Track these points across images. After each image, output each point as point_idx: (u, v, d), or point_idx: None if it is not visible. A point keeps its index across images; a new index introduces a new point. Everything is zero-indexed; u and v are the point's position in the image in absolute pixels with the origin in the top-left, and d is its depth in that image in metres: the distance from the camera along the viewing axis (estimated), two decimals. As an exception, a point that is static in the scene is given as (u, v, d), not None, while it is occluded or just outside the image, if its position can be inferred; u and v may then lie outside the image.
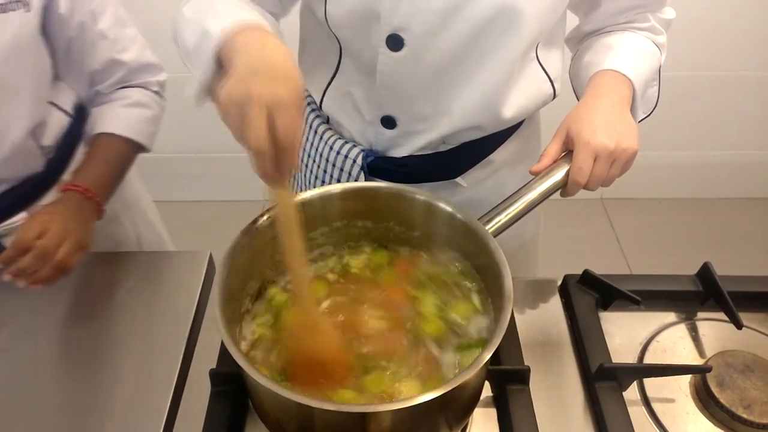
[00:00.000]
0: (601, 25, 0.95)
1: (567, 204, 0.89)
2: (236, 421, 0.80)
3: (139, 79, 1.09)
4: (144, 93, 1.09)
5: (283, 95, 0.59)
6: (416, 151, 0.96)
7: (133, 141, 1.06)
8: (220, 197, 2.53)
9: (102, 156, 1.03)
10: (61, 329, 0.92)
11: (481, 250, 0.76)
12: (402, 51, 0.84)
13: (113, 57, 1.03)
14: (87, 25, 0.98)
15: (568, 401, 0.83)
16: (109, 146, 1.04)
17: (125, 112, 1.07)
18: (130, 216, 1.22)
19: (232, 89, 0.61)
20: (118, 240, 1.19)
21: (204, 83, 0.71)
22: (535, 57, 0.91)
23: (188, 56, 0.77)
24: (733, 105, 2.33)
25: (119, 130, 1.05)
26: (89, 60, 1.02)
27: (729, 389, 0.81)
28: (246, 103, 0.59)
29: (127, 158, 1.09)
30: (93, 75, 1.04)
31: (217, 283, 0.71)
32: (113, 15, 1.01)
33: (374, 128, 0.95)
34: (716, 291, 0.91)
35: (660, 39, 0.95)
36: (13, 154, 0.96)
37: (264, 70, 0.61)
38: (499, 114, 0.90)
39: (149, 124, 1.10)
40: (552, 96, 0.96)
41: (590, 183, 0.79)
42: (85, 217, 0.96)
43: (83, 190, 0.97)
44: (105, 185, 1.02)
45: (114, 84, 1.07)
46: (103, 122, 1.05)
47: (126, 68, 1.06)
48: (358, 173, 0.98)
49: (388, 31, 0.82)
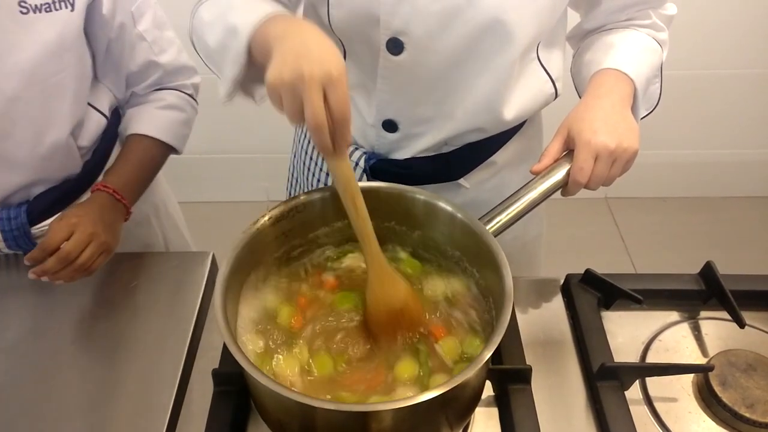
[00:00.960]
0: (602, 23, 0.95)
1: (571, 203, 0.89)
2: (239, 420, 0.80)
3: (174, 82, 1.10)
4: (179, 96, 1.11)
5: (332, 72, 0.63)
6: (418, 153, 0.96)
7: (166, 143, 1.07)
8: (222, 198, 2.54)
9: (134, 158, 1.05)
10: (65, 329, 0.92)
11: (482, 250, 0.76)
12: (402, 55, 0.84)
13: (151, 59, 1.04)
14: (127, 26, 0.98)
15: (570, 401, 0.83)
16: (142, 148, 1.06)
17: (159, 114, 1.08)
18: (158, 219, 1.23)
19: (282, 72, 0.63)
20: (146, 242, 1.20)
21: (236, 79, 0.74)
22: (536, 57, 0.90)
23: (211, 57, 0.81)
24: (737, 103, 2.32)
25: (153, 132, 1.06)
26: (127, 61, 1.02)
27: (732, 388, 0.81)
28: (299, 84, 0.62)
29: (159, 160, 1.10)
30: (130, 76, 1.05)
31: (219, 284, 0.71)
32: (153, 17, 1.02)
33: (376, 131, 0.95)
34: (719, 290, 0.91)
35: (661, 36, 0.94)
36: (52, 153, 0.97)
37: (309, 51, 0.64)
38: (501, 115, 0.90)
39: (182, 126, 1.11)
40: (554, 96, 0.96)
41: (591, 183, 0.79)
42: (112, 219, 0.97)
43: (113, 192, 0.98)
44: (134, 187, 1.04)
45: (150, 86, 1.08)
46: (138, 123, 1.06)
47: (162, 70, 1.06)
48: (360, 176, 0.98)
49: (388, 34, 0.83)
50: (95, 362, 0.88)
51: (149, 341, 0.90)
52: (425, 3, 0.79)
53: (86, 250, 0.90)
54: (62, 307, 0.95)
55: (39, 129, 0.93)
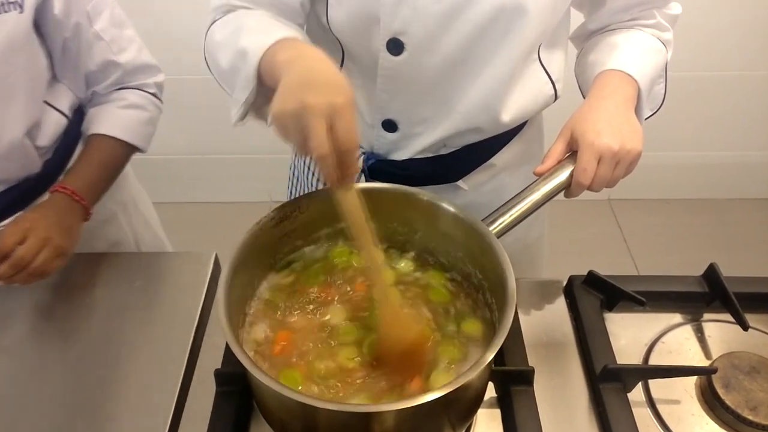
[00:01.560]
0: (606, 23, 0.95)
1: (574, 204, 0.90)
2: (241, 421, 0.80)
3: (135, 81, 1.09)
4: (141, 95, 1.09)
5: (338, 102, 0.62)
6: (417, 154, 0.96)
7: (128, 143, 1.06)
8: (225, 198, 2.54)
9: (94, 158, 1.04)
10: (67, 329, 0.92)
11: (484, 251, 0.76)
12: (402, 55, 0.84)
13: (109, 58, 1.03)
14: (83, 26, 0.98)
15: (572, 402, 0.83)
16: (103, 148, 1.05)
17: (121, 113, 1.07)
18: (127, 217, 1.22)
19: (286, 103, 0.63)
20: (114, 241, 1.19)
21: (247, 102, 0.75)
22: (537, 58, 0.90)
23: (224, 78, 0.81)
24: (740, 105, 2.32)
25: (114, 131, 1.05)
26: (85, 61, 1.02)
27: (735, 391, 0.80)
28: (304, 114, 0.62)
29: (121, 160, 1.09)
30: (89, 76, 1.05)
31: (221, 284, 0.71)
32: (110, 16, 1.01)
33: (375, 131, 0.95)
34: (722, 292, 0.91)
35: (666, 35, 0.94)
36: (9, 154, 0.96)
37: (316, 81, 0.64)
38: (499, 116, 0.90)
39: (145, 125, 1.10)
40: (553, 98, 0.96)
41: (594, 184, 0.79)
42: (70, 222, 0.96)
43: (71, 193, 0.97)
44: (95, 187, 1.02)
45: (110, 85, 1.07)
46: (98, 123, 1.05)
47: (122, 70, 1.06)
48: (359, 176, 0.98)
49: (388, 35, 0.82)
50: (97, 362, 0.88)
51: (152, 341, 0.90)
52: (426, 3, 0.79)
53: (40, 255, 0.89)
54: (63, 307, 0.95)
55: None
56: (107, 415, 0.82)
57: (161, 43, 2.04)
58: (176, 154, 2.40)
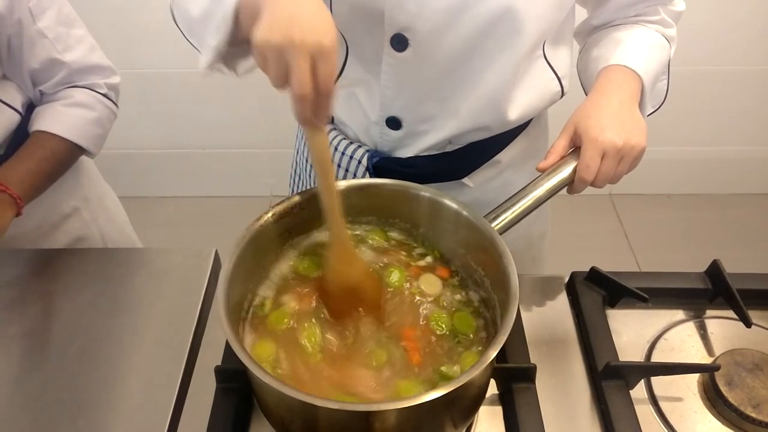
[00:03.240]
0: (610, 19, 0.94)
1: (575, 200, 0.89)
2: (241, 417, 0.80)
3: (84, 81, 1.07)
4: (89, 94, 1.07)
5: (325, 43, 0.60)
6: (422, 151, 0.96)
7: (71, 141, 1.05)
8: (226, 193, 2.54)
9: (32, 152, 1.02)
10: (67, 325, 0.92)
11: (487, 248, 0.76)
12: (406, 51, 0.83)
13: (53, 56, 1.01)
14: (25, 22, 0.96)
15: (574, 399, 0.83)
16: (42, 144, 1.03)
17: (65, 111, 1.05)
18: (90, 213, 1.21)
19: (272, 33, 0.61)
20: (78, 236, 1.19)
21: (218, 47, 0.71)
22: (542, 55, 0.90)
23: (192, 28, 0.77)
24: (743, 100, 2.31)
25: (55, 128, 1.03)
26: (27, 58, 1.00)
27: (738, 388, 0.80)
28: (289, 50, 0.60)
29: (62, 157, 1.07)
30: (33, 74, 1.03)
31: (221, 281, 0.70)
32: (56, 14, 1.00)
33: (379, 129, 0.95)
34: (725, 289, 0.90)
35: (670, 32, 0.93)
36: None
37: (304, 17, 0.61)
38: (506, 114, 0.90)
39: (91, 125, 1.08)
40: (560, 94, 0.95)
41: (598, 180, 0.79)
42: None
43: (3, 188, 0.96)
44: (30, 181, 1.01)
45: (57, 84, 1.05)
46: (41, 120, 1.04)
47: (68, 69, 1.04)
48: (363, 174, 0.97)
49: (393, 31, 0.81)
50: (97, 359, 0.88)
51: (152, 338, 0.90)
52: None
53: None
54: (63, 304, 0.95)
55: None
56: (107, 412, 0.82)
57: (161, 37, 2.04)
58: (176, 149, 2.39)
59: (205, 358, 0.88)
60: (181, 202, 2.43)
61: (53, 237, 1.11)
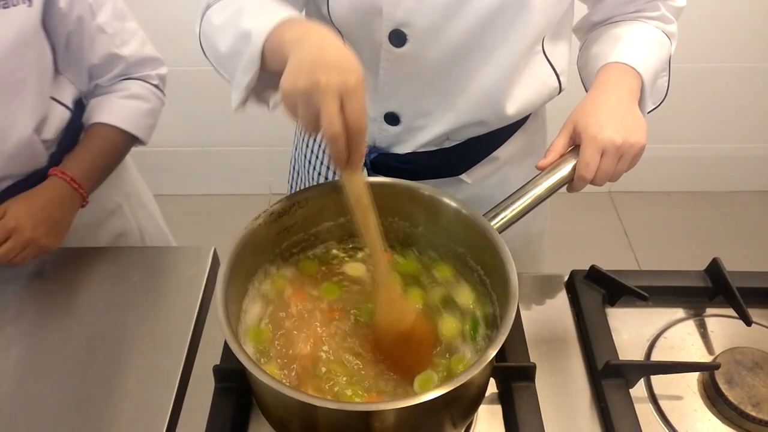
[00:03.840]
0: (609, 15, 0.94)
1: (574, 198, 0.89)
2: (240, 417, 0.79)
3: (138, 73, 1.09)
4: (143, 86, 1.09)
5: (351, 82, 0.61)
6: (420, 147, 0.95)
7: (128, 133, 1.06)
8: (224, 191, 2.54)
9: (93, 145, 1.04)
10: (65, 324, 0.92)
11: (486, 246, 0.75)
12: (405, 47, 0.83)
13: (112, 51, 1.03)
14: (86, 19, 0.97)
15: (574, 398, 0.83)
16: (102, 136, 1.05)
17: (122, 103, 1.06)
18: (131, 208, 1.23)
19: (298, 80, 0.61)
20: (120, 233, 1.20)
21: (249, 86, 0.73)
22: (541, 50, 0.89)
23: (222, 62, 0.78)
24: (742, 97, 2.31)
25: (114, 120, 1.05)
26: (88, 54, 1.01)
27: (738, 387, 0.80)
28: (315, 93, 0.60)
29: (120, 149, 1.09)
30: (92, 69, 1.04)
31: (220, 280, 0.70)
32: (112, 9, 1.01)
33: (378, 125, 0.94)
34: (725, 287, 0.90)
35: (670, 28, 0.93)
36: (18, 150, 0.96)
37: (328, 59, 0.62)
38: (503, 109, 0.89)
39: (146, 116, 1.09)
40: (557, 90, 0.95)
41: (597, 178, 0.78)
42: (62, 214, 0.97)
43: (70, 180, 0.98)
44: (93, 174, 1.03)
45: (113, 78, 1.07)
46: (100, 112, 1.05)
47: (125, 62, 1.05)
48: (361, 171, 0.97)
49: (391, 26, 0.81)
50: (95, 358, 0.88)
51: (150, 337, 0.90)
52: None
53: (19, 255, 0.92)
54: (61, 303, 0.94)
55: (2, 128, 0.93)
56: (106, 410, 0.82)
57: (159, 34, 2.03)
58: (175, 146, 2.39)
59: (203, 358, 0.88)
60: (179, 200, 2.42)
61: (96, 234, 1.12)
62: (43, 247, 0.94)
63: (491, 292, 0.78)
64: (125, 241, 1.21)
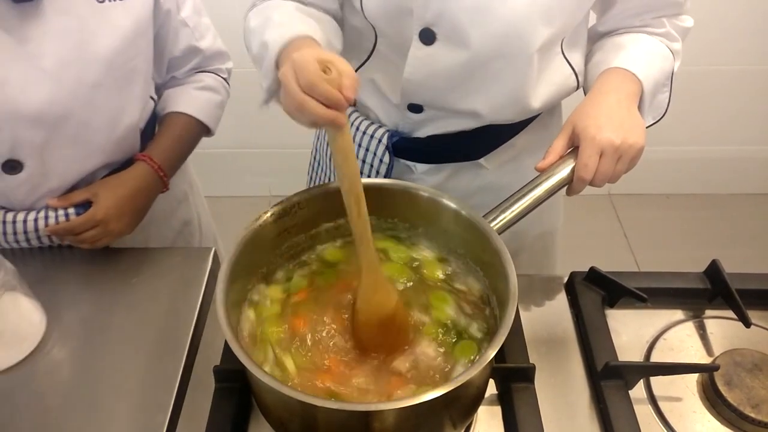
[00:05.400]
0: (615, 27, 0.95)
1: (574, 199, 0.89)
2: (240, 417, 0.80)
3: (211, 66, 1.13)
4: (215, 78, 1.14)
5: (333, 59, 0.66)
6: (441, 132, 0.97)
7: (202, 123, 1.10)
8: (225, 193, 2.53)
9: (174, 134, 1.08)
10: (65, 325, 0.92)
11: (485, 247, 0.76)
12: (434, 45, 0.85)
13: (192, 44, 1.07)
14: (172, 13, 1.01)
15: (573, 399, 0.83)
16: (181, 125, 1.09)
17: (197, 94, 1.10)
18: (194, 197, 1.27)
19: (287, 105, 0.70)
20: (186, 219, 1.24)
21: (269, 88, 0.80)
22: (560, 52, 0.91)
23: (255, 61, 0.86)
24: (742, 99, 2.31)
25: (191, 110, 1.09)
26: (171, 47, 1.05)
27: (737, 388, 0.80)
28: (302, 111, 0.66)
29: (195, 138, 1.13)
30: (172, 61, 1.08)
31: (220, 281, 0.70)
32: (193, 3, 1.05)
33: (401, 113, 0.96)
34: (724, 289, 0.90)
35: (675, 46, 0.93)
36: (125, 137, 1.00)
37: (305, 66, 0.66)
38: (527, 108, 0.92)
39: (218, 108, 1.14)
40: (575, 88, 0.97)
41: (596, 179, 0.78)
42: (145, 201, 1.02)
43: (157, 168, 1.02)
44: (173, 162, 1.08)
45: (190, 70, 1.11)
46: (177, 102, 1.09)
47: (202, 55, 1.10)
48: (383, 153, 0.99)
49: (421, 25, 0.84)
50: (96, 358, 0.88)
51: (150, 337, 0.90)
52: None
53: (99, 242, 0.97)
54: (62, 303, 0.95)
55: (115, 114, 0.97)
56: (106, 411, 0.82)
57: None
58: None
59: (203, 358, 0.88)
60: (180, 201, 2.43)
61: (169, 222, 1.17)
62: (120, 235, 0.98)
63: (491, 292, 0.78)
64: (189, 230, 1.25)
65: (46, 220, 0.96)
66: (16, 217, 0.97)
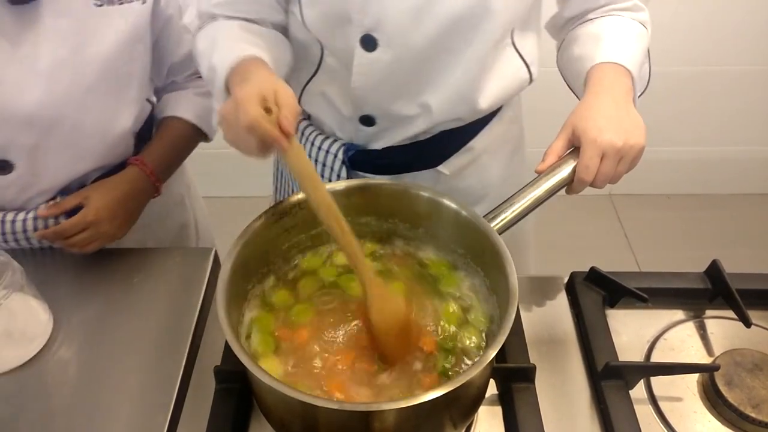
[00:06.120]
0: (581, 10, 0.92)
1: (575, 200, 0.89)
2: (241, 418, 0.80)
3: None
4: None
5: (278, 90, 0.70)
6: (396, 143, 0.97)
7: (199, 128, 1.10)
8: (225, 193, 2.54)
9: (169, 138, 1.08)
10: (66, 325, 0.92)
11: (486, 248, 0.76)
12: (376, 51, 0.84)
13: None
14: (174, 18, 1.02)
15: (574, 399, 0.83)
16: (177, 130, 1.09)
17: (196, 99, 1.10)
18: (190, 200, 1.27)
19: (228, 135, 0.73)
20: (182, 222, 1.24)
21: None
22: (510, 43, 0.90)
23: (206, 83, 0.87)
24: (742, 100, 2.31)
25: (189, 116, 1.09)
26: (172, 52, 1.06)
27: (737, 388, 0.80)
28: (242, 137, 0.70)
29: (191, 144, 1.13)
30: (173, 66, 1.08)
31: (221, 281, 0.70)
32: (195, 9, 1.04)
33: (354, 125, 0.96)
34: (725, 289, 0.90)
35: (642, 16, 0.92)
36: (118, 141, 1.00)
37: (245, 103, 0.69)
38: (477, 104, 0.91)
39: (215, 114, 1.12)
40: (528, 81, 0.96)
41: (597, 181, 0.78)
42: (136, 205, 1.01)
43: (149, 172, 1.02)
44: (166, 167, 1.07)
45: (189, 75, 1.11)
46: (175, 106, 1.09)
47: None
48: (339, 168, 0.98)
49: (361, 32, 0.83)
50: (96, 359, 0.88)
51: (151, 338, 0.90)
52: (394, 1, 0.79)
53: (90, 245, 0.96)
54: (65, 303, 0.95)
55: (109, 118, 0.97)
56: (106, 412, 0.82)
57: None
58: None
59: (204, 359, 0.88)
60: (180, 202, 2.43)
61: (164, 224, 1.17)
62: (113, 238, 0.98)
63: (491, 293, 0.78)
64: (186, 232, 1.25)
65: (35, 221, 0.96)
66: (5, 217, 0.96)
